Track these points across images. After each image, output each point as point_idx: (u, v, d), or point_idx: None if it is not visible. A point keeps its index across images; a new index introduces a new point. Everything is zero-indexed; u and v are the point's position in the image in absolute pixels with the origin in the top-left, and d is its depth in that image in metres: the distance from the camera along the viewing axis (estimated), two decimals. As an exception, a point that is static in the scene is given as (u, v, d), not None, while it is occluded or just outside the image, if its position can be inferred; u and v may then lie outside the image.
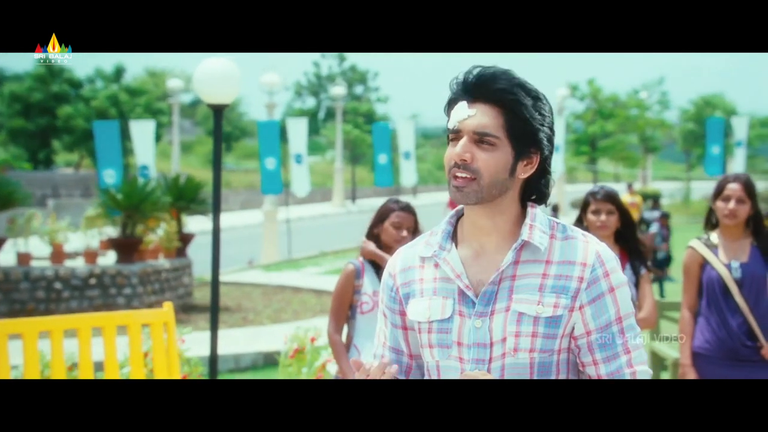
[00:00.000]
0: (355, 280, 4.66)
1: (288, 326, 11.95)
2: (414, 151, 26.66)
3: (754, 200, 4.61)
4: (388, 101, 49.65)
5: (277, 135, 19.83)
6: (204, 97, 6.01)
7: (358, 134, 42.38)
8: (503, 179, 2.08)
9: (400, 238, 4.61)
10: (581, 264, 2.09)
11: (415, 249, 2.23)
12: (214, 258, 6.36)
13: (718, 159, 31.91)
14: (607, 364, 2.10)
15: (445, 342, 2.11)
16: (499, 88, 2.06)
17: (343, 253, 21.56)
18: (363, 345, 4.63)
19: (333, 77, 55.99)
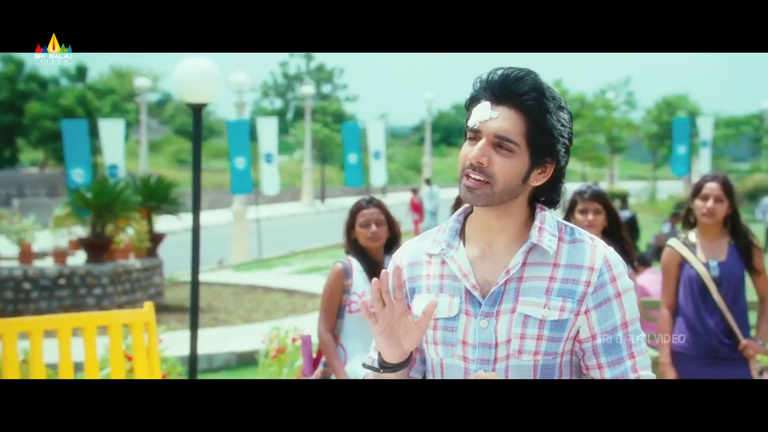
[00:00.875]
0: (344, 279, 4.65)
1: (260, 326, 11.91)
2: (384, 150, 26.68)
3: (732, 199, 4.67)
4: (357, 100, 49.58)
5: (246, 134, 19.75)
6: (183, 96, 5.98)
7: (327, 134, 42.30)
8: (516, 186, 2.07)
9: (371, 234, 4.61)
10: (589, 268, 2.09)
11: (422, 244, 2.22)
12: (193, 257, 6.34)
13: (684, 159, 32.23)
14: (612, 369, 2.10)
15: (450, 340, 2.11)
16: (525, 94, 2.03)
17: (313, 253, 21.52)
18: (350, 345, 4.63)
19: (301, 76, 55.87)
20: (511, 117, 2.03)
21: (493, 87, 2.06)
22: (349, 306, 4.64)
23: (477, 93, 2.10)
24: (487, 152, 2.04)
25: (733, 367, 4.62)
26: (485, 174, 2.04)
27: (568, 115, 2.10)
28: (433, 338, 2.14)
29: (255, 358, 10.38)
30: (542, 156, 2.07)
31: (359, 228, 4.64)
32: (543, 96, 2.04)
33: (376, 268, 4.66)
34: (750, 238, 4.71)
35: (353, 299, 4.63)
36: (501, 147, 2.04)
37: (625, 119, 43.92)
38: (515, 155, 2.04)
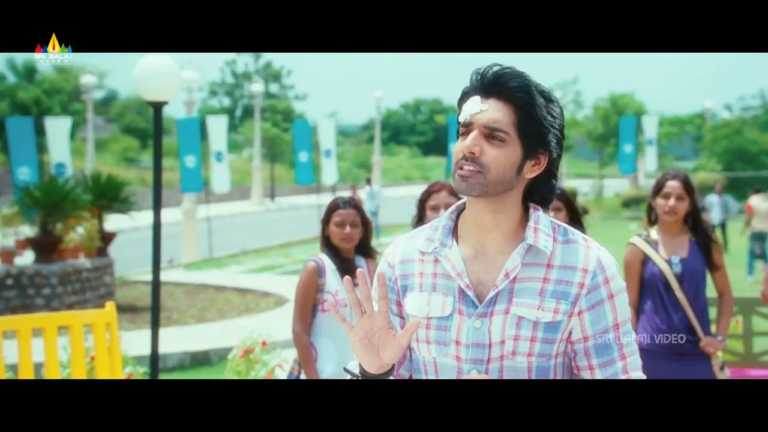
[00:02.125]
0: (318, 278, 4.63)
1: (214, 326, 11.84)
2: (335, 149, 26.64)
3: (692, 197, 4.76)
4: (306, 99, 49.41)
5: (197, 133, 19.58)
6: (144, 94, 5.93)
7: (277, 132, 42.13)
8: (510, 177, 2.08)
9: (345, 235, 4.62)
10: (582, 270, 2.09)
11: (415, 242, 2.20)
12: (154, 255, 6.28)
13: (630, 157, 32.64)
14: (603, 370, 2.11)
15: (443, 339, 2.10)
16: (513, 86, 2.06)
17: (264, 252, 21.43)
18: (321, 344, 4.61)
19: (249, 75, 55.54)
20: (500, 108, 2.06)
21: (483, 82, 2.09)
22: (321, 305, 4.62)
23: (467, 89, 2.13)
24: (479, 142, 2.06)
25: (695, 363, 4.69)
26: (478, 164, 2.05)
27: (558, 108, 2.13)
28: (426, 337, 2.13)
29: (209, 358, 10.38)
30: (534, 147, 2.09)
31: (333, 227, 4.64)
32: (531, 89, 2.07)
33: (349, 267, 4.67)
34: (710, 235, 4.80)
35: (326, 298, 4.61)
36: (492, 137, 2.06)
37: (573, 118, 44.40)
38: (507, 145, 2.06)
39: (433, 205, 4.51)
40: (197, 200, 23.33)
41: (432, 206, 4.51)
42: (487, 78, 2.09)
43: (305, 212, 32.89)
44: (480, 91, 2.10)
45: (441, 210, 4.46)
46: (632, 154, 32.82)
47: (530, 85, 2.08)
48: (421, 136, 75.80)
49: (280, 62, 54.35)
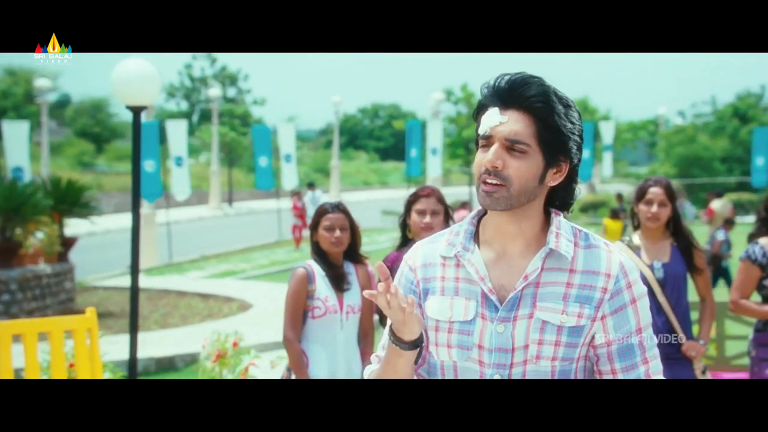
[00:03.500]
0: (308, 284, 4.61)
1: (177, 331, 11.74)
2: (295, 153, 26.56)
3: (674, 203, 4.82)
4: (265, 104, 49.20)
5: (156, 137, 19.40)
6: (122, 98, 5.86)
7: (235, 137, 41.88)
8: (533, 187, 2.08)
9: (335, 239, 4.62)
10: (605, 275, 2.10)
11: (436, 246, 2.20)
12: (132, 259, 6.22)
13: (587, 163, 32.96)
14: (626, 374, 2.12)
15: (465, 344, 2.10)
16: (532, 95, 2.05)
17: (225, 257, 21.29)
18: (312, 350, 4.60)
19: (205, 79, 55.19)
20: (520, 119, 2.06)
21: (501, 93, 2.08)
22: (312, 311, 4.60)
23: (484, 101, 2.12)
24: (501, 155, 2.06)
25: (677, 366, 4.74)
26: (501, 177, 2.05)
27: (577, 113, 2.12)
28: (447, 341, 2.12)
29: (174, 364, 10.28)
30: (555, 155, 2.09)
31: (323, 231, 4.63)
32: (549, 97, 2.07)
33: (338, 273, 4.67)
34: (691, 240, 4.86)
35: (316, 305, 4.60)
36: (513, 149, 2.06)
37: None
38: (528, 156, 2.06)
39: (420, 209, 4.52)
40: (156, 205, 23.12)
41: (419, 210, 4.53)
42: (503, 88, 2.08)
43: (264, 217, 32.74)
44: (498, 102, 2.08)
45: (427, 215, 4.48)
46: (589, 160, 33.15)
47: (549, 93, 2.07)
48: (379, 141, 75.87)
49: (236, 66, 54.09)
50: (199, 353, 10.57)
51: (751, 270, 4.68)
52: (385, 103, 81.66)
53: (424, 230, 4.48)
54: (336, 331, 4.64)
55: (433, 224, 4.47)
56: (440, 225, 4.50)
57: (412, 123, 29.05)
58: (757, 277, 4.67)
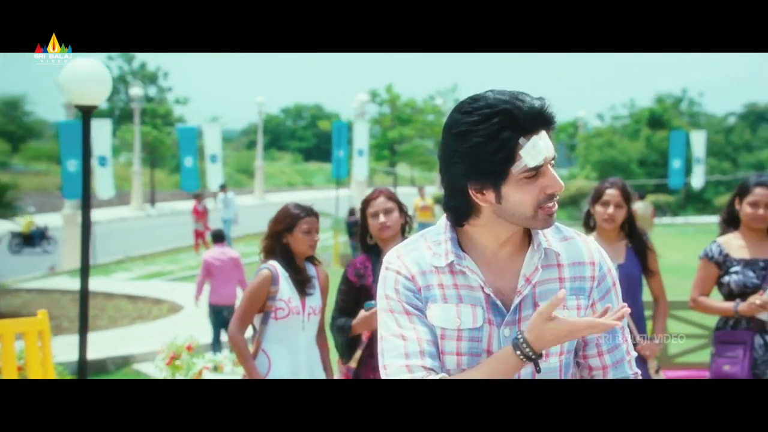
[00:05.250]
0: (271, 286, 4.60)
1: (107, 334, 11.52)
2: (220, 154, 26.33)
3: (629, 204, 4.92)
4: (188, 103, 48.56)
5: (79, 136, 18.93)
6: (72, 98, 5.73)
7: (157, 136, 41.25)
8: None
9: (313, 242, 4.65)
10: (590, 263, 2.17)
11: (420, 253, 2.17)
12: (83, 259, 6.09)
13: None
14: (611, 354, 2.21)
15: (475, 350, 2.10)
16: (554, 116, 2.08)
17: (151, 258, 20.97)
18: (273, 351, 4.58)
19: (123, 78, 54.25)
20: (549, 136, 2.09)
21: (542, 117, 2.05)
22: (275, 312, 4.59)
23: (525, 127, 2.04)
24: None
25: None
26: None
27: None
28: (457, 349, 2.11)
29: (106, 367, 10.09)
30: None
31: (301, 234, 4.63)
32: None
33: (301, 275, 4.68)
34: (645, 241, 4.96)
35: (279, 306, 4.59)
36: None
37: (453, 126, 45.07)
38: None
39: (373, 212, 4.54)
40: (77, 205, 22.66)
41: (372, 213, 4.54)
42: (546, 114, 2.05)
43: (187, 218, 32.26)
44: (546, 126, 2.06)
45: (380, 216, 4.49)
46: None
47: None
48: (302, 141, 75.61)
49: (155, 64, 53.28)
50: (131, 356, 10.51)
51: (708, 268, 4.80)
52: (308, 104, 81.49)
53: (381, 230, 4.50)
54: (298, 332, 4.64)
55: (388, 222, 4.49)
56: (397, 221, 4.52)
57: (338, 124, 29.06)
58: (716, 274, 4.78)
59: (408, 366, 2.09)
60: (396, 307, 2.14)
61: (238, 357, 4.57)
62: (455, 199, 2.11)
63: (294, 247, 4.65)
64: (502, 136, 2.01)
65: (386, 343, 2.14)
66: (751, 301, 4.55)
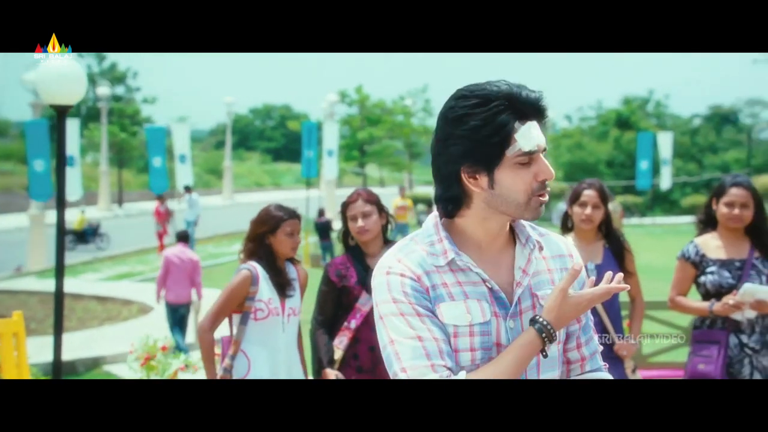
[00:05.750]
0: (250, 286, 4.58)
1: (76, 335, 11.42)
2: (190, 154, 26.18)
3: (606, 205, 4.95)
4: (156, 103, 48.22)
5: (46, 136, 18.84)
6: (46, 97, 5.66)
7: (125, 137, 40.92)
8: None
9: (296, 245, 4.66)
10: (569, 255, 2.28)
11: (418, 255, 2.16)
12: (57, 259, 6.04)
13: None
14: (588, 346, 2.30)
15: (487, 344, 2.12)
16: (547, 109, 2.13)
17: (121, 259, 20.80)
18: (253, 352, 4.55)
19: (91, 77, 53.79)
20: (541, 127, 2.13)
21: (538, 107, 2.09)
22: (254, 313, 4.57)
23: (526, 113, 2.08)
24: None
25: (610, 366, 4.86)
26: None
27: None
28: (471, 344, 2.11)
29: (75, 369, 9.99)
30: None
31: (284, 236, 4.63)
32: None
33: (281, 276, 4.67)
34: (622, 241, 4.99)
35: (259, 306, 4.57)
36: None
37: (423, 126, 45.23)
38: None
39: (351, 215, 4.54)
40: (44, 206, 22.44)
41: (350, 216, 4.54)
42: (542, 105, 2.10)
43: (155, 218, 32.10)
44: (538, 116, 2.10)
45: (358, 220, 4.50)
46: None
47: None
48: (270, 141, 75.40)
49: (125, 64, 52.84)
50: (101, 357, 10.41)
51: (685, 268, 4.85)
52: (277, 104, 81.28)
53: (360, 234, 4.52)
54: (278, 333, 4.63)
55: (366, 226, 4.50)
56: (376, 223, 4.53)
57: (308, 124, 29.01)
58: (693, 274, 4.83)
59: (433, 366, 2.06)
60: (407, 309, 2.10)
61: (203, 355, 4.54)
62: (447, 187, 2.13)
63: (276, 249, 4.65)
64: (499, 120, 2.05)
65: (400, 346, 2.09)
66: (724, 301, 4.60)
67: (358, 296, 4.49)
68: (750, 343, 4.65)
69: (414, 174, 49.61)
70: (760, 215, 4.71)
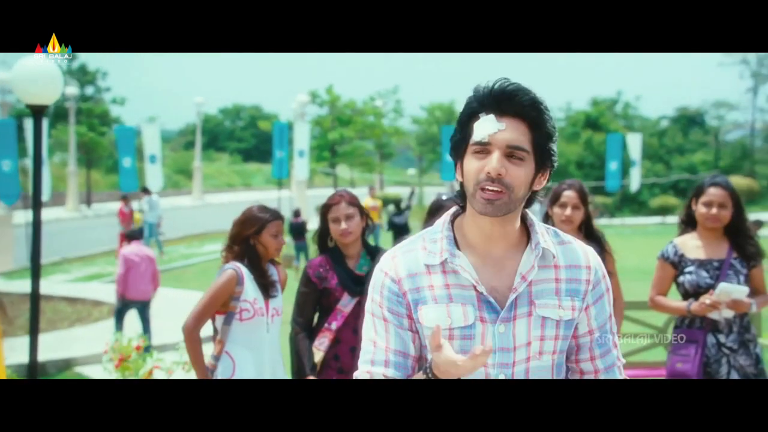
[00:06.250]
0: (236, 286, 4.54)
1: (46, 336, 11.28)
2: (160, 154, 26.02)
3: (587, 206, 4.96)
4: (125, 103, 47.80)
5: (13, 135, 18.64)
6: (23, 97, 5.59)
7: (93, 136, 40.55)
8: (525, 192, 2.13)
9: (280, 245, 4.66)
10: (586, 267, 2.20)
11: (414, 255, 2.20)
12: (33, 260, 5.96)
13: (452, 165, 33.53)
14: (603, 359, 2.24)
15: (468, 348, 2.10)
16: (527, 103, 2.09)
17: (90, 259, 20.61)
18: (237, 353, 4.51)
19: (61, 76, 53.26)
20: (518, 127, 2.09)
21: (495, 99, 2.10)
22: (240, 314, 4.54)
23: (477, 107, 2.12)
24: (504, 163, 2.08)
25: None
26: (503, 184, 2.08)
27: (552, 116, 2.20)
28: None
29: (46, 370, 9.87)
30: (544, 160, 2.14)
31: (270, 237, 4.61)
32: (541, 105, 2.12)
33: (265, 277, 4.64)
34: (603, 243, 5.00)
35: (244, 307, 4.54)
36: (513, 156, 2.09)
37: (393, 126, 45.25)
38: (525, 163, 2.10)
39: (334, 217, 4.53)
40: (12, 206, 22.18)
41: (333, 218, 4.53)
42: (499, 95, 2.10)
43: (125, 219, 31.83)
44: (493, 109, 2.10)
45: (342, 222, 4.48)
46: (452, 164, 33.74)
47: (540, 101, 2.12)
48: (240, 142, 75.08)
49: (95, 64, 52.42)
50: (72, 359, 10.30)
51: (665, 268, 4.88)
52: (247, 104, 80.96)
53: (343, 236, 4.50)
54: (263, 333, 4.60)
55: (350, 228, 4.49)
56: (358, 226, 4.52)
57: (279, 125, 28.93)
58: (672, 274, 4.86)
59: (370, 372, 2.17)
60: (377, 311, 2.19)
61: (190, 355, 4.51)
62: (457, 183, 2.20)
63: (261, 250, 4.63)
64: (467, 112, 2.14)
65: (362, 344, 2.22)
66: (701, 300, 4.64)
67: (339, 298, 4.48)
68: (728, 342, 4.69)
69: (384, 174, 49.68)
70: (738, 215, 4.75)
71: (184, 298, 14.98)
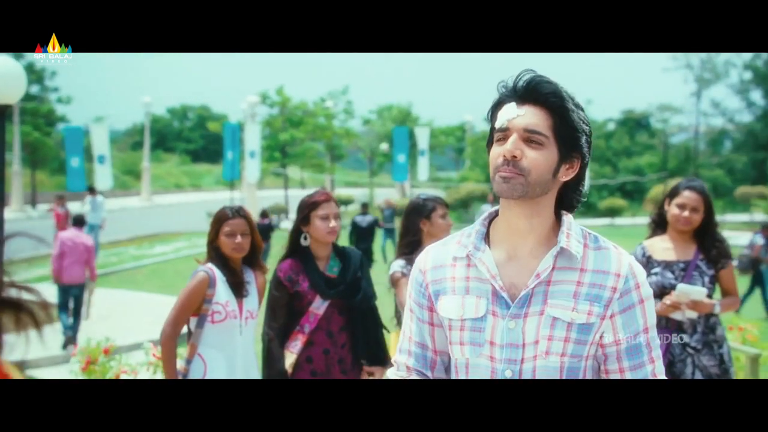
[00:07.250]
0: (207, 289, 4.48)
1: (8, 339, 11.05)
2: (109, 154, 25.70)
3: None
4: (71, 102, 47.10)
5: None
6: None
7: (38, 136, 39.90)
8: (547, 179, 2.13)
9: (236, 245, 4.53)
10: (615, 274, 2.15)
11: (447, 248, 2.27)
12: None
13: (403, 167, 33.75)
14: (633, 372, 2.18)
15: (477, 340, 2.15)
16: (547, 92, 2.12)
17: (38, 261, 20.25)
18: (209, 355, 4.44)
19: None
20: (537, 113, 2.12)
21: (517, 90, 2.15)
22: (211, 316, 4.47)
23: (501, 97, 2.18)
24: (519, 146, 2.11)
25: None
26: (518, 167, 2.10)
27: (585, 116, 2.21)
28: (460, 339, 2.19)
29: None
30: (569, 150, 2.15)
31: (224, 237, 4.52)
32: (564, 95, 2.14)
33: (237, 279, 4.57)
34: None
35: (216, 309, 4.47)
36: (531, 141, 2.12)
37: (344, 128, 45.22)
38: (545, 148, 2.12)
39: (324, 214, 4.49)
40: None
41: (322, 216, 4.48)
42: (520, 85, 2.15)
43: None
44: (515, 98, 2.15)
45: (332, 220, 4.47)
46: (405, 164, 33.96)
47: (563, 92, 2.14)
48: (189, 143, 74.47)
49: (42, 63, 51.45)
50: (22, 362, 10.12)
51: None
52: (195, 105, 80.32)
53: (331, 234, 4.49)
54: (235, 336, 4.53)
55: (337, 227, 4.49)
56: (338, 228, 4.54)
57: (229, 126, 28.75)
58: None
59: (395, 361, 2.34)
60: (408, 301, 2.34)
61: (164, 361, 4.44)
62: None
63: (223, 252, 4.56)
64: (495, 101, 2.21)
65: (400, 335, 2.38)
66: (662, 301, 4.69)
67: (312, 300, 4.45)
68: (692, 342, 4.75)
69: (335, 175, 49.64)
70: (708, 220, 4.81)
71: (138, 300, 14.81)
